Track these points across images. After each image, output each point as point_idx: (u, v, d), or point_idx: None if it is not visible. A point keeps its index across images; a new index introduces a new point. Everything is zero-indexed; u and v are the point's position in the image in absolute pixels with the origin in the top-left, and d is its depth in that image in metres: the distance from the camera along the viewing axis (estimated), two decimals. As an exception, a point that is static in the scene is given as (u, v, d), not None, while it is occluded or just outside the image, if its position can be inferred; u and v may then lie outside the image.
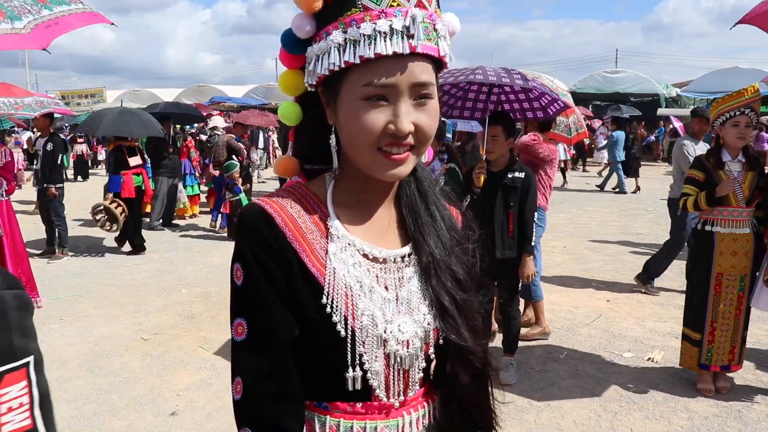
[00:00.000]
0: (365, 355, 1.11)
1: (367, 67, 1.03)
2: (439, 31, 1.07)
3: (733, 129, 4.14)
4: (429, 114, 1.08)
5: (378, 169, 1.09)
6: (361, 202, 1.19)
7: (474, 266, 1.25)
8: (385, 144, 1.06)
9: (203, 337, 5.58)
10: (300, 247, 1.11)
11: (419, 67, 1.04)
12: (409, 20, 1.02)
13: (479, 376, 1.23)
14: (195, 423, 4.04)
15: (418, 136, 1.07)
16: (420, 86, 1.05)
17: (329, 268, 1.11)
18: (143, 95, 30.09)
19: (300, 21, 1.09)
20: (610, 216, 12.38)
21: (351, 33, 1.02)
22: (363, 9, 1.03)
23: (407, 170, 1.11)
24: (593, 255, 8.83)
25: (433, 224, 1.21)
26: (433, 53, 1.05)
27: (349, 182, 1.18)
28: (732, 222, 4.21)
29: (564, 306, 6.39)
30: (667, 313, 6.17)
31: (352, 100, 1.05)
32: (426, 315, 1.16)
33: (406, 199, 1.22)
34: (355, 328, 1.10)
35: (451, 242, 1.22)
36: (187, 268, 8.16)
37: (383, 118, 1.04)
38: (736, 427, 3.92)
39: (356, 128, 1.05)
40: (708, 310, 4.28)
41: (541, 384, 4.57)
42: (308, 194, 1.18)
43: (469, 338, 1.16)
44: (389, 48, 1.01)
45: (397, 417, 1.17)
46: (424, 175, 1.25)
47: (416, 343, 1.15)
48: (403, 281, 1.17)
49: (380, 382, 1.13)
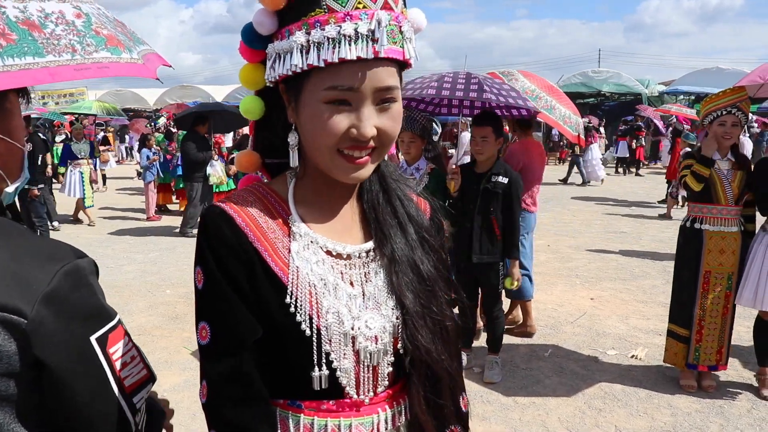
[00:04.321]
0: (333, 353, 1.10)
1: (331, 71, 1.01)
2: (405, 33, 1.05)
3: (720, 128, 4.20)
4: (392, 117, 1.07)
5: (338, 172, 1.08)
6: (323, 199, 1.18)
7: (442, 260, 1.24)
8: (346, 147, 1.05)
9: (187, 337, 5.54)
10: (262, 247, 1.10)
11: (384, 72, 1.03)
12: (374, 23, 1.00)
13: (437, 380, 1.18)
14: (179, 423, 4.01)
15: (381, 139, 1.07)
16: (384, 90, 1.04)
17: (292, 267, 1.10)
18: (125, 95, 29.89)
19: (261, 17, 1.08)
20: (593, 215, 12.46)
21: (314, 35, 1.00)
22: (328, 10, 1.01)
23: (368, 173, 1.10)
24: (577, 254, 8.88)
25: (396, 219, 1.20)
26: (398, 56, 1.04)
27: (310, 180, 1.17)
28: (721, 220, 4.25)
29: (548, 304, 6.42)
30: (651, 310, 6.23)
31: (315, 103, 1.04)
32: (393, 309, 1.15)
33: (367, 195, 1.21)
34: (320, 326, 1.09)
35: (416, 236, 1.20)
36: (171, 269, 8.10)
37: (346, 121, 1.03)
38: (718, 423, 3.97)
39: (318, 131, 1.04)
40: (696, 307, 4.32)
41: (525, 382, 4.58)
42: (269, 193, 1.17)
43: (425, 344, 1.14)
44: (353, 53, 0.99)
45: (371, 414, 1.16)
46: (389, 170, 1.24)
47: (385, 338, 1.14)
48: (369, 276, 1.16)
49: (350, 380, 1.13)
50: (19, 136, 1.19)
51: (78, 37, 1.12)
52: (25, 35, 1.04)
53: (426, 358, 1.14)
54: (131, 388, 1.06)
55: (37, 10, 1.08)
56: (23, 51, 1.02)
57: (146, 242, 9.94)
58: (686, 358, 4.41)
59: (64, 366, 0.95)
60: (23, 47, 1.02)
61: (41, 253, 1.00)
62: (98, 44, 1.14)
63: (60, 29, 1.10)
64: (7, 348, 0.91)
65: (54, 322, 0.94)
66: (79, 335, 0.98)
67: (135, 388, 1.07)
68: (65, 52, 1.07)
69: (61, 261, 0.99)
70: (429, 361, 1.14)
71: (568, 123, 5.50)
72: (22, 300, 0.92)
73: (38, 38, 1.05)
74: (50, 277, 0.95)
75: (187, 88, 30.05)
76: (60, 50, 1.07)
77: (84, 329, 0.99)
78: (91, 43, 1.13)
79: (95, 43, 1.14)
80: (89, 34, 1.14)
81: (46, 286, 0.94)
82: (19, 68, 1.01)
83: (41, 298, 0.93)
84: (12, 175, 1.18)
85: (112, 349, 1.03)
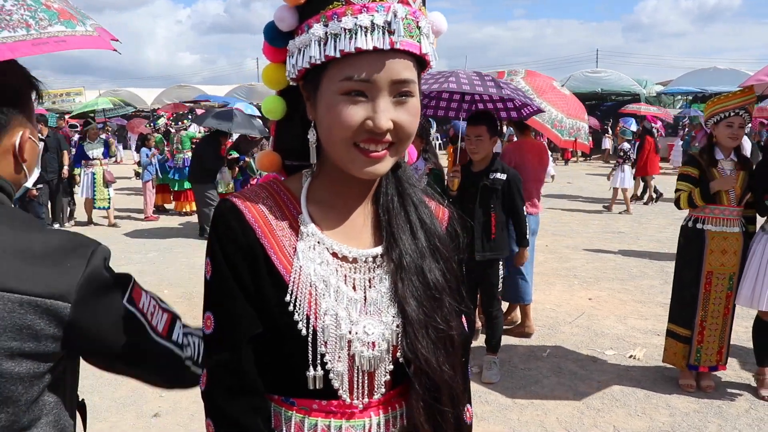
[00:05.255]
0: (328, 355, 1.10)
1: (347, 62, 1.02)
2: (422, 29, 1.05)
3: (727, 129, 4.20)
4: (409, 112, 1.07)
5: (354, 166, 1.07)
6: (337, 199, 1.17)
7: (453, 270, 1.21)
8: (362, 140, 1.05)
9: (186, 338, 5.53)
10: (268, 244, 1.10)
11: (400, 64, 1.03)
12: (390, 15, 1.00)
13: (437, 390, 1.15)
14: (178, 424, 4.01)
15: (398, 134, 1.06)
16: (400, 83, 1.04)
17: (295, 266, 1.10)
18: (122, 95, 29.88)
19: (282, 13, 1.08)
20: (591, 215, 12.48)
21: (332, 27, 1.01)
22: (345, 3, 1.02)
23: (384, 168, 1.09)
24: (575, 254, 8.89)
25: (409, 225, 1.19)
26: (414, 50, 1.04)
27: (326, 179, 1.17)
28: (723, 221, 4.26)
29: (546, 304, 6.43)
30: (649, 311, 6.23)
31: (331, 95, 1.04)
32: (394, 317, 1.13)
33: (383, 198, 1.20)
34: (317, 327, 1.09)
35: (426, 243, 1.19)
36: (169, 269, 8.09)
37: (361, 113, 1.03)
38: (717, 423, 3.97)
39: (333, 122, 1.04)
40: (698, 308, 4.32)
41: (524, 382, 4.59)
42: (283, 190, 1.17)
43: (425, 353, 1.12)
44: (369, 43, 1.00)
45: (363, 418, 1.15)
46: (406, 175, 1.23)
47: (382, 345, 1.12)
48: (374, 282, 1.15)
49: (343, 383, 1.12)
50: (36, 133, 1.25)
51: (30, 12, 1.11)
52: None
53: (425, 367, 1.12)
54: (165, 331, 1.25)
55: None
56: None
57: (144, 242, 9.93)
58: (687, 358, 4.41)
59: (108, 332, 1.14)
60: None
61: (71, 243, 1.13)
62: (51, 18, 1.14)
63: (9, 4, 1.10)
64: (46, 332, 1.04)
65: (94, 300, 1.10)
66: (115, 304, 1.16)
67: (168, 330, 1.26)
68: (19, 27, 1.08)
69: (88, 247, 1.13)
70: (428, 370, 1.12)
71: (557, 127, 5.44)
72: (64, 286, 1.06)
73: None
74: (85, 261, 1.10)
75: (185, 87, 30.05)
76: (14, 26, 1.07)
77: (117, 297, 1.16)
78: (44, 18, 1.13)
79: (48, 17, 1.14)
80: (40, 9, 1.14)
81: (84, 270, 1.09)
82: None
83: (82, 281, 1.08)
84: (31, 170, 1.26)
85: (140, 304, 1.21)
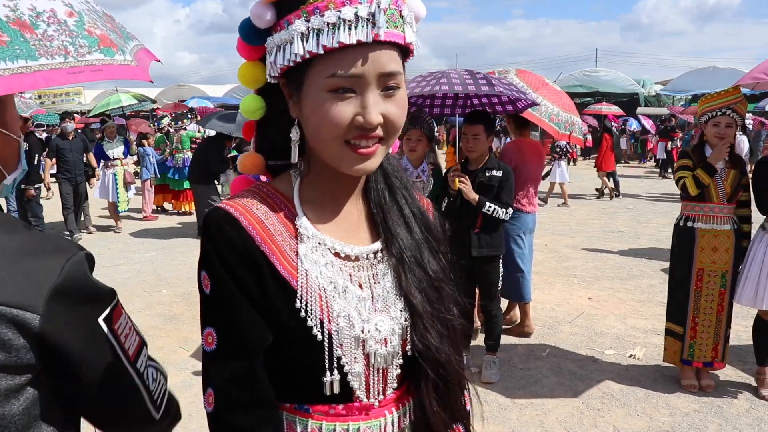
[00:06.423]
0: (344, 357, 1.08)
1: (332, 58, 0.99)
2: (406, 18, 1.03)
3: (713, 128, 4.24)
4: (398, 105, 1.05)
5: (346, 164, 1.05)
6: (328, 198, 1.15)
7: (447, 259, 1.22)
8: (352, 137, 1.02)
9: (184, 337, 5.52)
10: (269, 250, 1.06)
11: (386, 56, 1.01)
12: (374, 6, 0.98)
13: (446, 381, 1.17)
14: (176, 425, 3.99)
15: (387, 127, 1.04)
16: (388, 76, 1.01)
17: (301, 270, 1.07)
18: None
19: (259, 9, 1.05)
20: (590, 214, 12.46)
21: (314, 22, 0.98)
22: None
23: (375, 164, 1.07)
24: (574, 253, 8.88)
25: (402, 218, 1.18)
26: (398, 41, 1.01)
27: (315, 178, 1.15)
28: (713, 218, 4.29)
29: (546, 304, 6.42)
30: (648, 310, 6.22)
31: (317, 93, 1.01)
32: (402, 311, 1.13)
33: (373, 194, 1.18)
34: (331, 330, 1.07)
35: (422, 235, 1.19)
36: (168, 269, 8.08)
37: (351, 110, 1.00)
38: (717, 423, 3.96)
39: (322, 121, 1.01)
40: (690, 305, 4.37)
41: (523, 382, 4.58)
42: (274, 193, 1.14)
43: (435, 344, 1.13)
44: (353, 37, 0.97)
45: (379, 417, 1.14)
46: (392, 168, 1.22)
47: (394, 341, 1.12)
48: (378, 278, 1.14)
49: (361, 383, 1.11)
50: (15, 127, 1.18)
51: (70, 38, 1.09)
52: (17, 36, 1.01)
53: (436, 356, 1.13)
54: (133, 356, 1.14)
55: (28, 8, 1.05)
56: (15, 54, 0.99)
57: (143, 242, 9.92)
58: (681, 353, 4.45)
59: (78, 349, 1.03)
60: (15, 50, 0.99)
61: (46, 247, 1.04)
62: (91, 45, 1.11)
63: (52, 29, 1.07)
64: (15, 342, 0.96)
65: (65, 312, 1.00)
66: (88, 320, 1.05)
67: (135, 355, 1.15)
68: (58, 54, 1.05)
69: (66, 252, 1.04)
70: (440, 360, 1.13)
71: (555, 120, 5.40)
72: (33, 295, 0.97)
73: (30, 39, 1.02)
74: (59, 268, 1.00)
75: (184, 87, 30.00)
76: (53, 52, 1.04)
77: (92, 313, 1.05)
78: (84, 45, 1.10)
79: (88, 44, 1.11)
80: (82, 35, 1.11)
81: (57, 278, 0.99)
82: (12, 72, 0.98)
83: (52, 291, 0.98)
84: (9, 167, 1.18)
85: (116, 325, 1.11)
